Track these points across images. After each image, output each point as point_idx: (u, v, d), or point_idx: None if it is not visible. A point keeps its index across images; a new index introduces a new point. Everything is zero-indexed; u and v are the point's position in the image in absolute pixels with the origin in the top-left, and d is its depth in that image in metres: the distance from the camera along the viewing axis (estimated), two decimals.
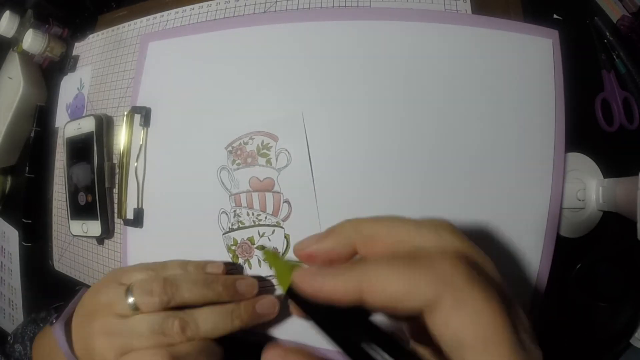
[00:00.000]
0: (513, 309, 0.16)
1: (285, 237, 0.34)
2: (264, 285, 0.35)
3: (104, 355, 0.28)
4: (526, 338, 0.16)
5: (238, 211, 0.35)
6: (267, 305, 0.31)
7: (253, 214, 0.35)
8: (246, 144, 0.35)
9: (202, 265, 0.33)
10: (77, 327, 0.31)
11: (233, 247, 0.36)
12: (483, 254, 0.18)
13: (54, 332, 0.31)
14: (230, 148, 0.36)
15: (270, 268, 0.22)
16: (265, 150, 0.35)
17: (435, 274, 0.16)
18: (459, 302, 0.15)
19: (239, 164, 0.35)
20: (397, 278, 0.16)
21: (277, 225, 0.34)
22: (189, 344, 0.28)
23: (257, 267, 0.35)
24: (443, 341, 0.16)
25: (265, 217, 0.35)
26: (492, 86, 0.32)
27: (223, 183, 0.36)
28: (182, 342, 0.28)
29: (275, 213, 0.34)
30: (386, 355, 0.15)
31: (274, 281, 0.34)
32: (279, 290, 0.34)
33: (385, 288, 0.16)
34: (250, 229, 0.35)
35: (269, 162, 0.35)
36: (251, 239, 0.35)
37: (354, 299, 0.16)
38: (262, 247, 0.34)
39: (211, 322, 0.29)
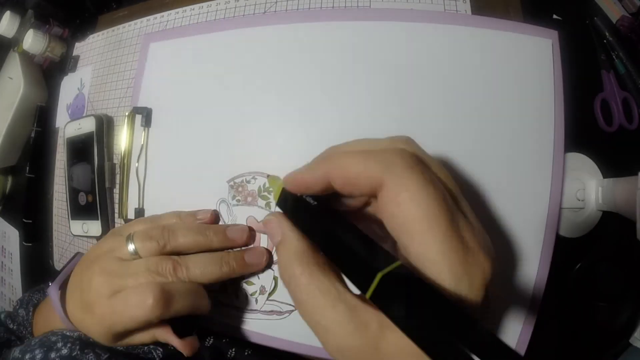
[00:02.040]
0: (452, 205, 0.19)
1: (274, 278, 0.34)
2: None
3: (100, 290, 0.29)
4: (469, 236, 0.18)
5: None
6: (255, 255, 0.33)
7: None
8: (248, 182, 0.35)
9: (193, 214, 0.35)
10: (75, 277, 0.32)
11: None
12: (432, 158, 0.21)
13: (49, 292, 0.32)
14: (232, 183, 0.36)
15: (270, 188, 0.33)
16: (265, 193, 0.35)
17: (382, 160, 0.19)
18: (400, 184, 0.18)
19: (238, 200, 0.35)
20: (353, 162, 0.19)
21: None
22: (179, 283, 0.29)
23: (243, 300, 0.35)
24: (386, 219, 0.19)
25: None
26: (491, 86, 0.32)
27: (221, 216, 0.36)
28: (173, 281, 0.29)
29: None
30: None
31: (260, 315, 0.35)
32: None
33: (344, 170, 0.20)
34: None
35: (268, 205, 0.35)
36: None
37: (323, 184, 0.20)
38: (268, 176, 0.35)
39: (201, 265, 0.30)
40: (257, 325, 0.34)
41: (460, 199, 0.20)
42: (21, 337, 0.37)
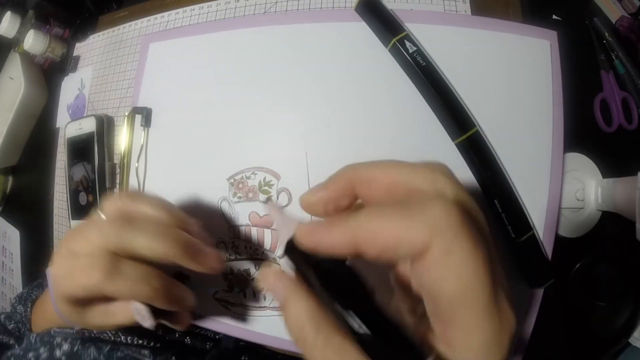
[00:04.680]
0: (494, 264, 0.16)
1: None
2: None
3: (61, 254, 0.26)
4: (502, 297, 0.16)
5: (236, 243, 0.35)
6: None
7: (250, 248, 0.35)
8: (248, 178, 0.35)
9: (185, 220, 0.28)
10: None
11: (230, 277, 0.36)
12: (474, 202, 0.18)
13: (47, 284, 0.30)
14: (232, 180, 0.36)
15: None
16: (266, 187, 0.35)
17: (426, 220, 0.15)
18: (447, 250, 0.15)
19: (240, 197, 0.35)
20: (389, 226, 0.16)
21: (274, 261, 0.34)
22: (132, 263, 0.24)
23: (251, 297, 0.35)
24: (425, 289, 0.17)
25: (263, 252, 0.35)
26: (490, 87, 0.32)
27: (223, 214, 0.36)
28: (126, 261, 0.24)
29: (272, 249, 0.34)
30: (359, 321, 0.16)
31: (269, 311, 0.34)
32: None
33: (379, 237, 0.16)
34: (246, 261, 0.35)
35: (270, 199, 0.35)
36: (247, 271, 0.35)
37: (350, 251, 0.17)
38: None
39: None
40: (266, 325, 0.34)
41: (495, 256, 0.17)
42: (19, 337, 0.37)
